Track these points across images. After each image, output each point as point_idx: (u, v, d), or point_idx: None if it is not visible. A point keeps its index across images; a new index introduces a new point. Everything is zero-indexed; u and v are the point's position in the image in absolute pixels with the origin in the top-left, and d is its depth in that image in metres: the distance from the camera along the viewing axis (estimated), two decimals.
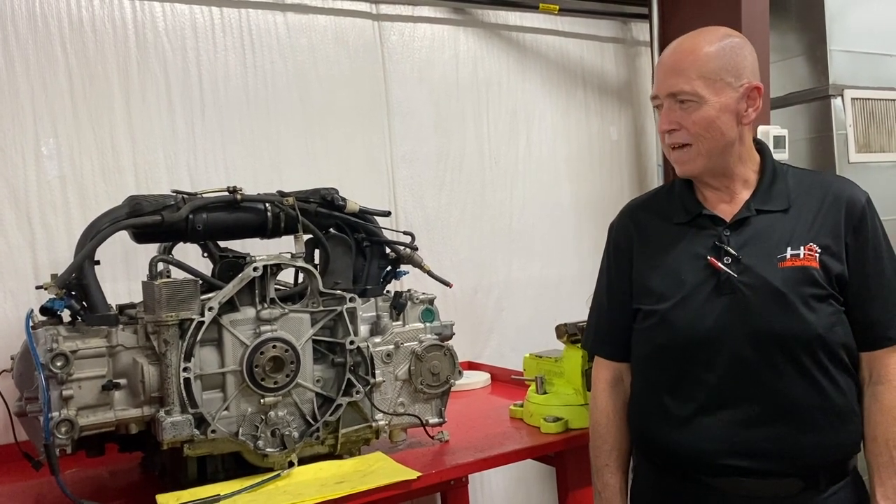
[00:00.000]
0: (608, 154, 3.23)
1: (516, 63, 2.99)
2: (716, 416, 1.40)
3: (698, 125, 1.41)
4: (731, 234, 1.44)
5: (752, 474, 1.38)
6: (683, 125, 1.42)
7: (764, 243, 1.42)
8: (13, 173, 2.06)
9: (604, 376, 1.62)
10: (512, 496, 2.88)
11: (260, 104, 2.43)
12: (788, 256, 1.39)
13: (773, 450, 1.37)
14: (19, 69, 2.07)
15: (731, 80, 1.40)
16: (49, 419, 1.47)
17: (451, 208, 2.81)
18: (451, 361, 1.85)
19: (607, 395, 1.60)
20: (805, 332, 1.36)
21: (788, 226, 1.43)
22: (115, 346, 1.57)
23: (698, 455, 1.42)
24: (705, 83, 1.39)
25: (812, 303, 1.37)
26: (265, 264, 1.67)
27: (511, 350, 2.82)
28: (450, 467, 1.74)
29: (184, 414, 1.56)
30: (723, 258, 1.42)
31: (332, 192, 1.89)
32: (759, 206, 1.45)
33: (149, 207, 1.69)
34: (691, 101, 1.40)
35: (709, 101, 1.39)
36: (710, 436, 1.40)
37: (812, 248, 1.39)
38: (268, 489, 1.59)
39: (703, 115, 1.40)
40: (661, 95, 1.45)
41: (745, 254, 1.41)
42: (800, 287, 1.37)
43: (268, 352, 1.64)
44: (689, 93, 1.40)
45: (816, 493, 1.39)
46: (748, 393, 1.38)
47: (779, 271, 1.38)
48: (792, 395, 1.37)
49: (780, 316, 1.37)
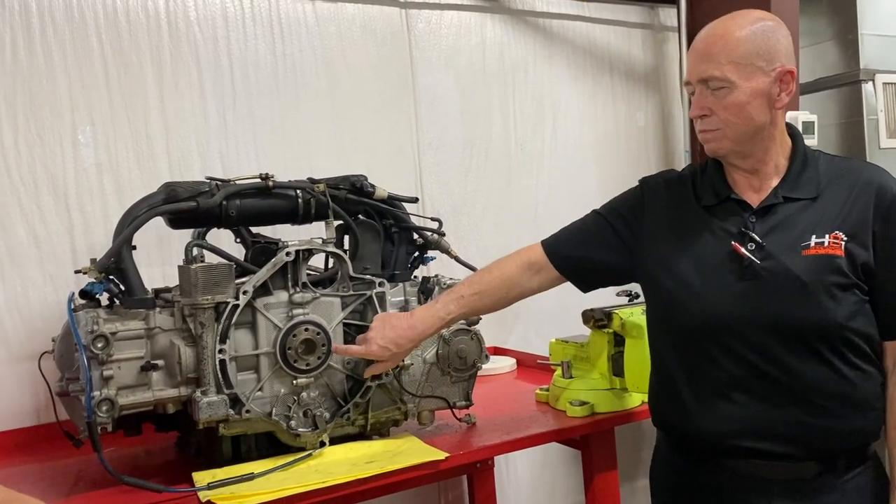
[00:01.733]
0: (635, 140, 3.22)
1: (543, 49, 2.99)
2: (733, 399, 1.41)
3: (729, 111, 1.40)
4: (757, 221, 1.44)
5: (769, 457, 1.40)
6: (714, 111, 1.42)
7: (789, 231, 1.42)
8: (52, 161, 2.12)
9: (529, 255, 1.69)
10: (537, 480, 2.91)
11: (289, 92, 2.46)
12: (813, 244, 1.38)
13: (791, 433, 1.38)
14: (57, 59, 2.12)
15: (763, 65, 1.39)
16: (91, 398, 1.52)
17: (477, 195, 2.83)
18: (477, 345, 1.88)
19: (518, 264, 1.68)
20: (825, 320, 1.36)
21: (815, 213, 1.42)
22: (153, 329, 1.62)
23: (716, 437, 1.43)
24: (736, 68, 1.38)
25: (834, 291, 1.36)
26: (297, 249, 1.70)
27: (536, 336, 2.84)
28: (477, 448, 1.77)
29: (219, 394, 1.61)
30: (747, 244, 1.42)
31: (362, 178, 1.92)
32: (786, 193, 1.45)
33: (184, 194, 1.73)
34: (722, 87, 1.40)
35: (740, 87, 1.39)
36: (728, 418, 1.41)
37: (838, 237, 1.38)
38: (300, 468, 1.63)
39: (734, 101, 1.39)
40: (692, 81, 1.45)
41: (769, 241, 1.41)
42: (822, 275, 1.37)
43: (300, 334, 1.68)
44: (720, 78, 1.39)
45: (834, 476, 1.39)
46: (767, 378, 1.39)
47: (802, 259, 1.38)
48: (810, 381, 1.37)
49: (801, 304, 1.37)
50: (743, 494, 1.43)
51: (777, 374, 1.38)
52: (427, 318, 1.68)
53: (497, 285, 1.69)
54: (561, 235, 1.71)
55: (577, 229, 1.69)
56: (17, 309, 2.07)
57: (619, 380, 1.95)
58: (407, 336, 1.67)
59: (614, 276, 1.69)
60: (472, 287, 1.70)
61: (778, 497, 1.40)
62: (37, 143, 2.10)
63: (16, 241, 2.07)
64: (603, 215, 1.66)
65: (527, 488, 2.88)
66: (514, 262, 1.70)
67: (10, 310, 2.06)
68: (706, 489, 1.47)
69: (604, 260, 1.64)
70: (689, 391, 1.47)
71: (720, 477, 1.45)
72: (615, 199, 1.69)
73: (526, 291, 1.70)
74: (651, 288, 1.57)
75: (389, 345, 1.66)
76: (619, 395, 1.96)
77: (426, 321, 1.68)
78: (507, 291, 1.69)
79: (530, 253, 1.70)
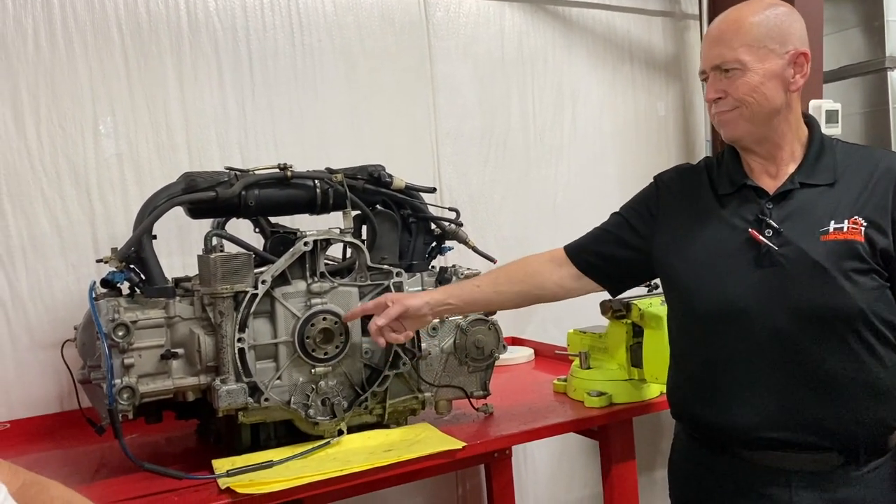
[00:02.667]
0: (655, 130, 3.19)
1: (562, 38, 2.97)
2: (754, 388, 1.40)
3: (742, 90, 1.40)
4: (774, 207, 1.43)
5: (791, 447, 1.38)
6: (728, 92, 1.42)
7: (807, 217, 1.40)
8: (73, 151, 2.14)
9: (553, 254, 1.73)
10: (555, 470, 2.91)
11: (308, 82, 2.47)
12: (831, 230, 1.37)
13: (813, 423, 1.37)
14: (78, 50, 2.14)
15: (776, 47, 1.39)
16: (112, 386, 1.54)
17: (495, 185, 2.82)
18: (495, 335, 1.88)
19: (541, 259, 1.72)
20: (846, 306, 1.35)
21: (833, 199, 1.41)
22: (173, 317, 1.64)
23: (736, 428, 1.42)
24: (749, 50, 1.39)
25: (854, 277, 1.35)
26: (315, 239, 1.71)
27: (554, 326, 2.83)
28: (494, 438, 1.77)
29: (238, 383, 1.62)
30: (764, 231, 1.41)
31: (380, 168, 1.92)
32: (803, 179, 1.43)
33: (203, 184, 1.74)
34: (735, 69, 1.40)
35: (752, 68, 1.39)
36: (749, 408, 1.40)
37: (857, 222, 1.37)
38: (318, 456, 1.65)
39: (747, 81, 1.40)
40: (706, 69, 1.46)
41: (786, 227, 1.40)
42: (841, 261, 1.35)
43: (318, 324, 1.69)
44: (732, 61, 1.40)
45: (856, 468, 1.38)
46: (787, 366, 1.38)
47: (820, 244, 1.37)
48: (832, 369, 1.36)
49: (820, 290, 1.35)
50: (763, 486, 1.41)
51: (798, 362, 1.37)
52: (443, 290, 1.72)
53: (517, 273, 1.72)
54: (582, 237, 1.74)
55: (596, 229, 1.72)
56: (40, 297, 2.09)
57: (637, 370, 1.94)
58: (416, 296, 1.68)
59: (636, 273, 1.70)
60: (490, 275, 1.74)
61: (799, 489, 1.39)
62: (59, 134, 2.12)
63: (39, 230, 2.10)
64: (620, 214, 1.69)
65: (544, 478, 2.88)
66: (537, 257, 1.75)
67: (33, 298, 2.09)
68: (726, 481, 1.46)
69: (622, 256, 1.65)
70: (708, 381, 1.46)
71: (741, 468, 1.44)
72: (632, 199, 1.71)
73: (546, 284, 1.71)
74: (669, 278, 1.57)
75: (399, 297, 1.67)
76: (638, 386, 1.95)
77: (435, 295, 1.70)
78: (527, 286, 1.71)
79: (553, 252, 1.74)
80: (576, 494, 2.95)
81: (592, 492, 2.92)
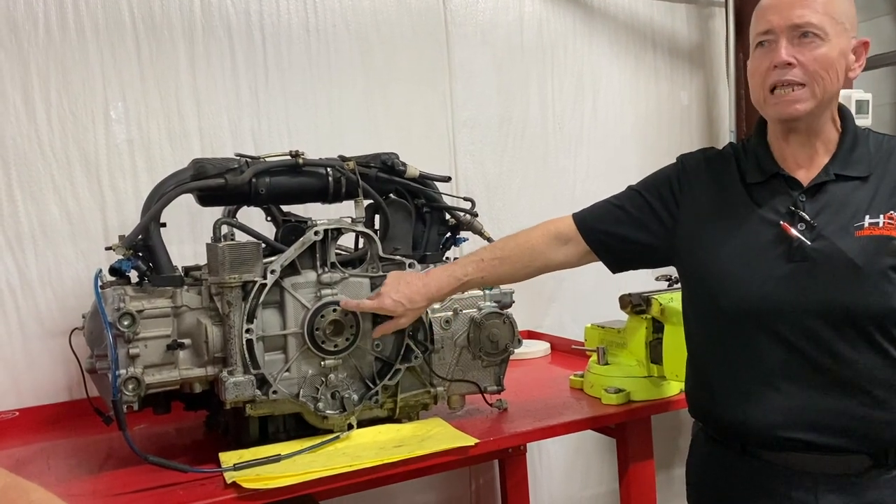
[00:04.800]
0: (678, 120, 3.12)
1: (583, 25, 2.90)
2: (780, 387, 1.34)
3: (819, 62, 1.31)
4: (807, 200, 1.36)
5: (818, 449, 1.32)
6: (802, 61, 1.32)
7: (841, 211, 1.34)
8: (84, 137, 2.11)
9: (558, 225, 1.61)
10: (571, 467, 2.86)
11: (322, 68, 2.42)
12: (867, 225, 1.31)
13: (842, 425, 1.30)
14: (89, 35, 2.11)
15: (849, 28, 1.34)
16: (117, 376, 1.51)
17: (512, 174, 2.76)
18: (510, 329, 1.83)
19: (545, 233, 1.61)
20: (880, 305, 1.28)
21: (868, 193, 1.34)
22: (180, 307, 1.60)
23: (760, 428, 1.36)
24: (831, 21, 1.31)
25: (890, 274, 1.29)
26: (325, 228, 1.67)
27: (572, 320, 2.78)
28: (508, 435, 1.72)
29: (246, 374, 1.59)
30: (796, 224, 1.34)
31: (393, 156, 1.88)
32: (838, 170, 1.37)
33: (212, 171, 1.70)
34: (816, 36, 1.31)
35: (832, 41, 1.31)
36: (774, 408, 1.34)
37: (892, 217, 1.30)
38: (327, 450, 1.61)
39: (825, 53, 1.32)
40: (778, 28, 1.33)
41: (820, 221, 1.33)
42: (877, 257, 1.29)
43: (328, 315, 1.65)
44: (818, 25, 1.31)
45: (885, 471, 1.32)
46: (816, 365, 1.31)
47: (855, 240, 1.30)
48: (863, 369, 1.29)
49: (854, 287, 1.29)
50: (787, 489, 1.35)
51: (827, 362, 1.31)
52: (442, 277, 1.63)
53: (520, 253, 1.62)
54: (594, 209, 1.63)
55: (612, 205, 1.60)
56: (49, 285, 2.07)
57: (656, 367, 1.89)
58: (421, 293, 1.62)
59: (648, 258, 1.59)
60: (493, 252, 1.65)
61: (825, 492, 1.33)
62: (69, 120, 2.09)
63: (49, 217, 2.07)
64: (640, 192, 1.57)
65: (559, 475, 2.84)
66: (542, 231, 1.64)
67: (42, 286, 2.07)
68: (748, 483, 1.40)
69: (639, 239, 1.55)
70: (731, 380, 1.40)
71: (764, 471, 1.38)
72: (653, 176, 1.60)
73: (550, 263, 1.63)
74: (690, 271, 1.50)
75: (402, 300, 1.61)
76: (657, 383, 1.90)
77: (440, 280, 1.63)
78: (531, 260, 1.62)
79: (559, 223, 1.63)
80: (591, 491, 2.90)
81: (609, 489, 2.87)
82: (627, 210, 1.57)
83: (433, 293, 1.63)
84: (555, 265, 1.63)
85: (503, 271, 1.63)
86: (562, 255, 1.61)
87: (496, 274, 1.64)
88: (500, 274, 1.64)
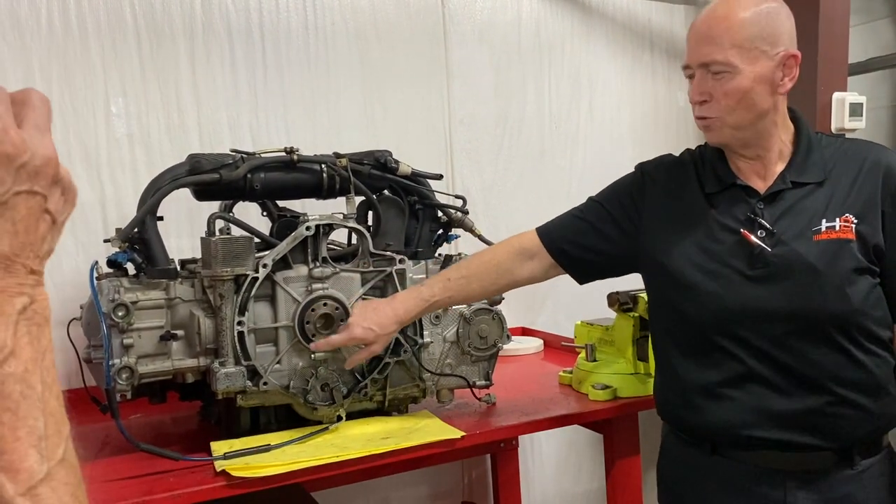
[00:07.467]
0: (675, 120, 3.13)
1: (581, 25, 2.92)
2: (746, 388, 1.37)
3: (730, 97, 1.34)
4: (766, 207, 1.39)
5: (784, 447, 1.36)
6: (715, 96, 1.36)
7: (799, 217, 1.37)
8: (84, 131, 2.14)
9: (522, 241, 1.62)
10: (563, 461, 2.89)
11: (320, 65, 2.45)
12: (824, 229, 1.34)
13: (807, 423, 1.34)
14: (91, 30, 2.14)
15: (767, 49, 1.33)
16: (111, 366, 1.54)
17: (508, 173, 2.79)
18: (499, 325, 1.86)
19: (510, 250, 1.62)
20: (841, 307, 1.32)
21: (824, 197, 1.37)
22: (174, 299, 1.64)
23: (728, 428, 1.39)
24: (739, 52, 1.32)
25: (849, 276, 1.32)
26: (317, 224, 1.70)
27: (566, 318, 2.80)
28: (494, 428, 1.75)
29: (237, 366, 1.62)
30: (756, 231, 1.37)
31: (386, 154, 1.90)
32: (794, 178, 1.39)
33: (208, 166, 1.73)
34: (724, 72, 1.33)
35: (743, 72, 1.33)
36: (741, 408, 1.38)
37: (848, 219, 1.33)
38: (316, 441, 1.64)
39: (737, 86, 1.33)
40: (693, 64, 1.39)
41: (779, 227, 1.36)
42: (835, 261, 1.32)
43: (319, 309, 1.68)
44: (723, 63, 1.33)
45: (850, 467, 1.36)
46: (780, 367, 1.35)
47: (814, 245, 1.33)
48: (826, 368, 1.33)
49: (815, 291, 1.32)
50: (756, 487, 1.39)
51: (791, 363, 1.34)
52: (409, 300, 1.64)
53: (486, 270, 1.64)
54: (557, 222, 1.65)
55: (575, 217, 1.63)
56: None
57: (643, 364, 1.92)
58: (390, 317, 1.62)
59: (613, 267, 1.62)
60: (459, 271, 1.66)
61: (793, 489, 1.36)
62: (70, 114, 2.12)
63: None
64: (601, 203, 1.60)
65: (551, 469, 2.87)
66: (506, 247, 1.66)
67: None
68: (718, 482, 1.44)
69: (603, 250, 1.58)
70: (698, 383, 1.43)
71: (733, 469, 1.41)
72: (613, 186, 1.63)
73: (517, 279, 1.64)
74: (655, 279, 1.53)
75: (373, 325, 1.61)
76: (643, 380, 1.92)
77: (408, 302, 1.63)
78: (497, 277, 1.63)
79: (524, 238, 1.65)
80: (584, 487, 2.93)
81: (600, 484, 2.87)
82: (590, 221, 1.59)
83: (401, 316, 1.63)
84: (522, 280, 1.65)
85: (471, 290, 1.65)
86: (528, 271, 1.63)
87: (464, 293, 1.65)
88: (468, 292, 1.66)
